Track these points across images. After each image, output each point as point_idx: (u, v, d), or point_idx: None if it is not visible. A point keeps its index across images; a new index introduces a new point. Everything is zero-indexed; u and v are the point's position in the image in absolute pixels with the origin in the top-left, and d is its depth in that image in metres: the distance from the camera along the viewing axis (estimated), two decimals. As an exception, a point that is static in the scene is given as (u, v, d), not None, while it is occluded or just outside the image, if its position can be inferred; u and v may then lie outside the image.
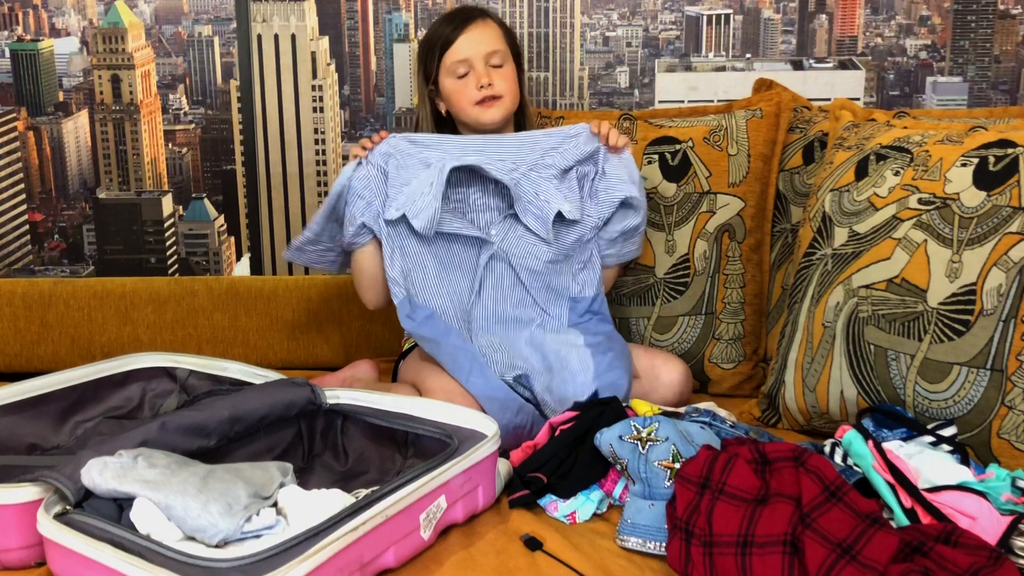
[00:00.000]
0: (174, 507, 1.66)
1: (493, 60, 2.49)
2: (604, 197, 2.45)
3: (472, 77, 2.48)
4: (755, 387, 2.60)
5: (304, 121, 4.27)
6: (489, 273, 2.45)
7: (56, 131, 4.47)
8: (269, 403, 2.05)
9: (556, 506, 1.96)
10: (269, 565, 1.54)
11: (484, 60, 2.48)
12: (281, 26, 4.20)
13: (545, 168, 2.43)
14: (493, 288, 2.45)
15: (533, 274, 2.45)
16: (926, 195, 2.21)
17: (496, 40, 2.50)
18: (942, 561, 1.63)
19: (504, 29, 2.56)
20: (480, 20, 2.51)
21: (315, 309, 2.93)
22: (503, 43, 2.51)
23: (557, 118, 2.78)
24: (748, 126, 2.62)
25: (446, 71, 2.50)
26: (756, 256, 2.62)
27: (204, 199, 4.48)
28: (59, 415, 2.27)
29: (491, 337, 2.42)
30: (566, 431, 2.08)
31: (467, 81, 2.48)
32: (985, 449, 2.07)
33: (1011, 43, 4.34)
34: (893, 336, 2.17)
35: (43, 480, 1.75)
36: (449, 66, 2.49)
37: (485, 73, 2.47)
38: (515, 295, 2.46)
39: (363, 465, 2.10)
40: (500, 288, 2.46)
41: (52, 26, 4.54)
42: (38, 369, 2.74)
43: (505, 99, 2.51)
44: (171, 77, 4.60)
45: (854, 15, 4.39)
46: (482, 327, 2.44)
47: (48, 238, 4.46)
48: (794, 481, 1.74)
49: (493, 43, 2.49)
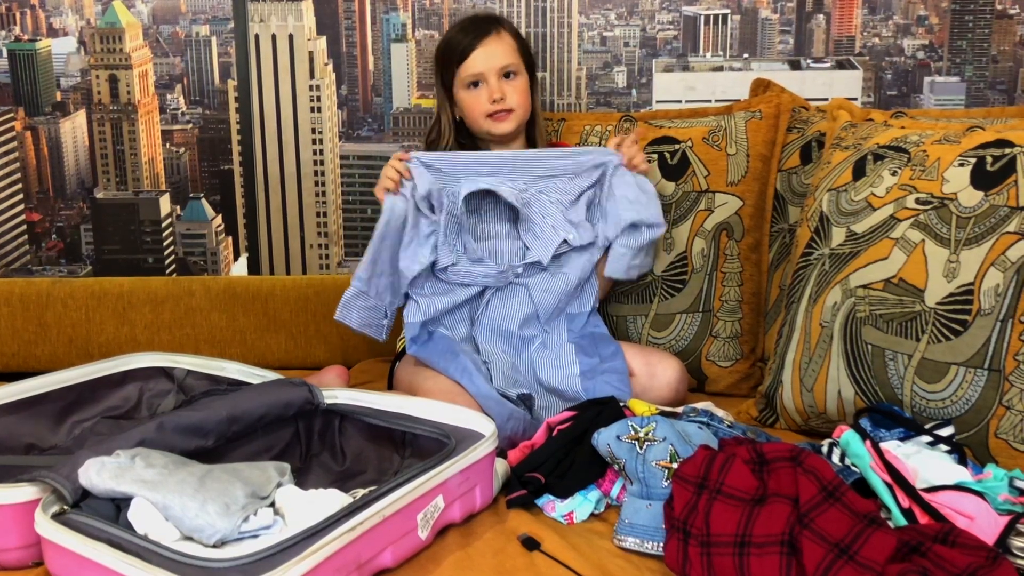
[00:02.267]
0: (172, 507, 1.66)
1: (506, 71, 2.52)
2: (612, 219, 2.47)
3: (484, 89, 2.51)
4: (752, 386, 2.60)
5: (302, 121, 4.27)
6: (498, 290, 2.49)
7: (54, 131, 4.47)
8: (267, 403, 2.05)
9: (554, 506, 1.96)
10: (267, 565, 1.54)
11: (497, 74, 2.52)
12: (279, 26, 4.20)
13: (556, 191, 2.47)
14: (501, 304, 2.48)
15: (546, 298, 2.48)
16: (924, 195, 2.21)
17: (510, 53, 2.55)
18: (940, 561, 1.63)
19: (519, 41, 2.60)
20: (495, 33, 2.55)
21: (313, 309, 2.93)
22: (517, 56, 2.56)
23: (559, 120, 2.79)
24: (748, 127, 2.62)
25: (460, 82, 2.55)
26: (754, 255, 2.62)
27: (202, 199, 4.48)
28: (57, 415, 2.27)
29: (494, 350, 2.45)
30: (564, 431, 2.08)
31: (480, 93, 2.52)
32: (983, 449, 2.07)
33: (1009, 43, 4.34)
34: (891, 336, 2.17)
35: (41, 480, 1.75)
36: (463, 78, 2.54)
37: (498, 88, 2.52)
38: (522, 313, 2.48)
39: (361, 465, 2.10)
40: (507, 306, 2.49)
41: (50, 26, 4.54)
42: (36, 369, 2.74)
43: (517, 111, 2.56)
44: (169, 77, 4.60)
45: (852, 15, 4.39)
46: (485, 339, 2.48)
47: (46, 238, 4.46)
48: (792, 481, 1.74)
49: (507, 57, 2.54)
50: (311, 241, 4.80)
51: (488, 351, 2.45)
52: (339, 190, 5.05)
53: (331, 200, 4.88)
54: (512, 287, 2.48)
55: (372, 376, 2.70)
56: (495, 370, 2.42)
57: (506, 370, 2.42)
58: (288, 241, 4.24)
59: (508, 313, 2.48)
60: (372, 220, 2.48)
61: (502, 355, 2.45)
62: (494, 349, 2.46)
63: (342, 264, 5.40)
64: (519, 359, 2.45)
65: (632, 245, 2.46)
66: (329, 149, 4.30)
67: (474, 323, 2.48)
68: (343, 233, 5.26)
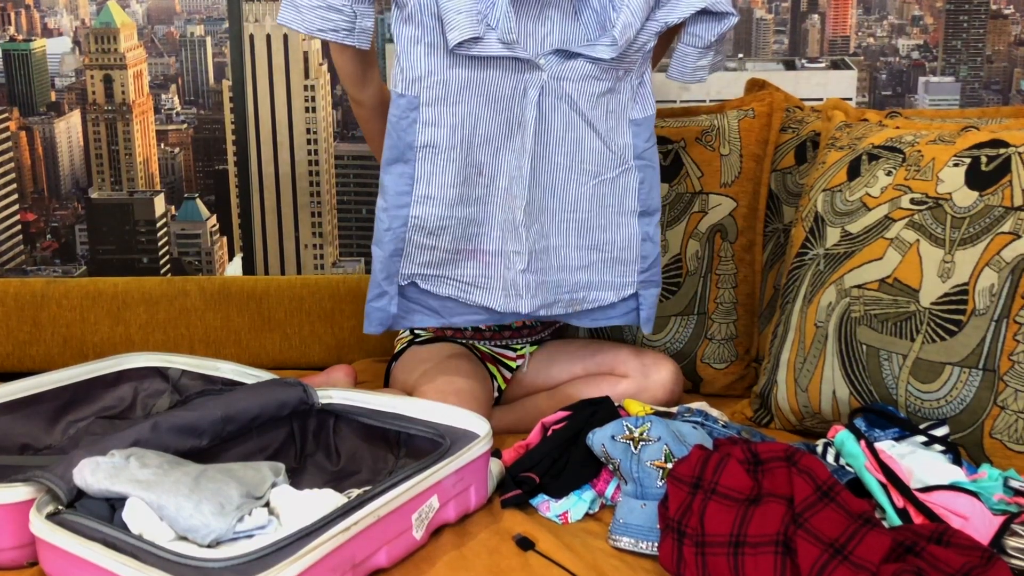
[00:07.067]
0: (166, 507, 1.66)
1: None
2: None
3: None
4: (747, 387, 2.60)
5: (296, 121, 4.27)
6: (536, 110, 2.17)
7: (48, 131, 4.46)
8: (261, 403, 2.05)
9: (548, 506, 1.96)
10: (261, 565, 1.54)
11: None
12: (273, 26, 4.20)
13: None
14: (546, 130, 2.19)
15: (592, 103, 2.21)
16: (918, 195, 2.21)
17: None
18: (934, 561, 1.63)
19: None
20: None
21: (307, 309, 2.93)
22: None
23: None
24: (740, 126, 2.62)
25: None
26: (748, 256, 2.62)
27: (196, 199, 4.48)
28: (51, 415, 2.27)
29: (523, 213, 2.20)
30: (558, 431, 2.08)
31: None
32: (977, 449, 2.07)
33: (1003, 43, 4.35)
34: (885, 336, 2.17)
35: (35, 480, 1.75)
36: None
37: None
38: (572, 137, 2.21)
39: (355, 465, 2.10)
40: (553, 129, 2.20)
41: (44, 26, 4.53)
42: (30, 369, 2.74)
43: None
44: (163, 77, 4.60)
45: (846, 15, 4.39)
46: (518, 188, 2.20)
47: (40, 238, 4.46)
48: (786, 481, 1.74)
49: None
50: (306, 241, 4.80)
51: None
52: (334, 190, 5.05)
53: (326, 200, 4.88)
54: (554, 104, 2.18)
55: (368, 376, 2.70)
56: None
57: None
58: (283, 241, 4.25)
59: (555, 141, 2.20)
60: (368, 220, 2.46)
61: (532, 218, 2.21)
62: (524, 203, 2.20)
63: (337, 264, 5.40)
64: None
65: (713, 35, 2.25)
66: (324, 149, 4.30)
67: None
68: (338, 233, 5.26)
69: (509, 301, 2.23)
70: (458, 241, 2.20)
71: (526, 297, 2.23)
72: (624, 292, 2.33)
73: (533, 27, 2.14)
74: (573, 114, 2.19)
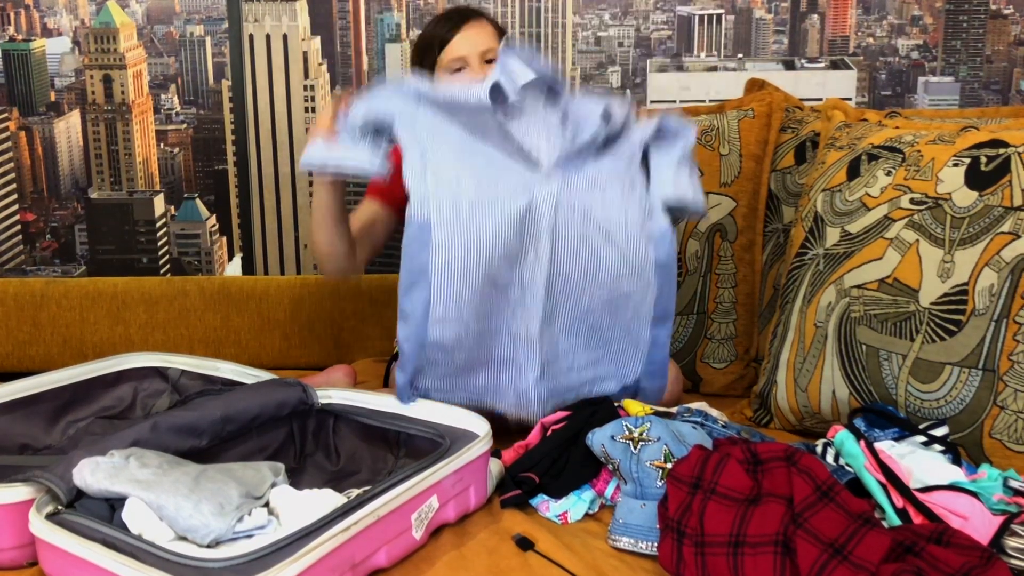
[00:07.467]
0: (166, 507, 1.66)
1: (487, 57, 2.51)
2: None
3: (467, 73, 2.50)
4: (747, 387, 2.61)
5: (296, 121, 4.27)
6: (550, 221, 2.12)
7: (48, 131, 4.47)
8: (261, 403, 2.05)
9: (548, 506, 1.96)
10: (261, 565, 1.54)
11: (480, 58, 2.50)
12: (273, 26, 4.20)
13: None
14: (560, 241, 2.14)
15: (604, 211, 2.16)
16: (918, 195, 2.21)
17: (490, 39, 2.53)
18: (934, 561, 1.63)
19: (497, 28, 2.59)
20: (475, 20, 2.55)
21: (307, 309, 2.93)
22: (496, 41, 2.54)
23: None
24: (740, 126, 2.62)
25: (443, 68, 2.52)
26: (748, 256, 2.62)
27: (196, 199, 4.48)
28: (51, 415, 2.27)
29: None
30: (558, 431, 2.08)
31: (462, 77, 2.50)
32: (977, 449, 2.07)
33: (1003, 43, 4.35)
34: (885, 336, 2.17)
35: (35, 480, 1.75)
36: (446, 64, 2.51)
37: (480, 69, 2.49)
38: (586, 248, 2.15)
39: (355, 465, 2.10)
40: (566, 240, 2.14)
41: (44, 26, 4.53)
42: (30, 369, 2.74)
43: None
44: (163, 77, 4.60)
45: (846, 15, 4.39)
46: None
47: (40, 238, 4.46)
48: (786, 481, 1.74)
49: (487, 41, 2.52)
50: (305, 241, 4.79)
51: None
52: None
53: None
54: (565, 217, 2.12)
55: (368, 376, 2.70)
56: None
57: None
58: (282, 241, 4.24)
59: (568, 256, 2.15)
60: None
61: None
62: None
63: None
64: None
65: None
66: (323, 149, 4.30)
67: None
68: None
69: (520, 411, 2.21)
70: (471, 352, 2.17)
71: (536, 407, 2.19)
72: (626, 381, 2.30)
73: (535, 142, 2.15)
74: (587, 224, 2.14)
